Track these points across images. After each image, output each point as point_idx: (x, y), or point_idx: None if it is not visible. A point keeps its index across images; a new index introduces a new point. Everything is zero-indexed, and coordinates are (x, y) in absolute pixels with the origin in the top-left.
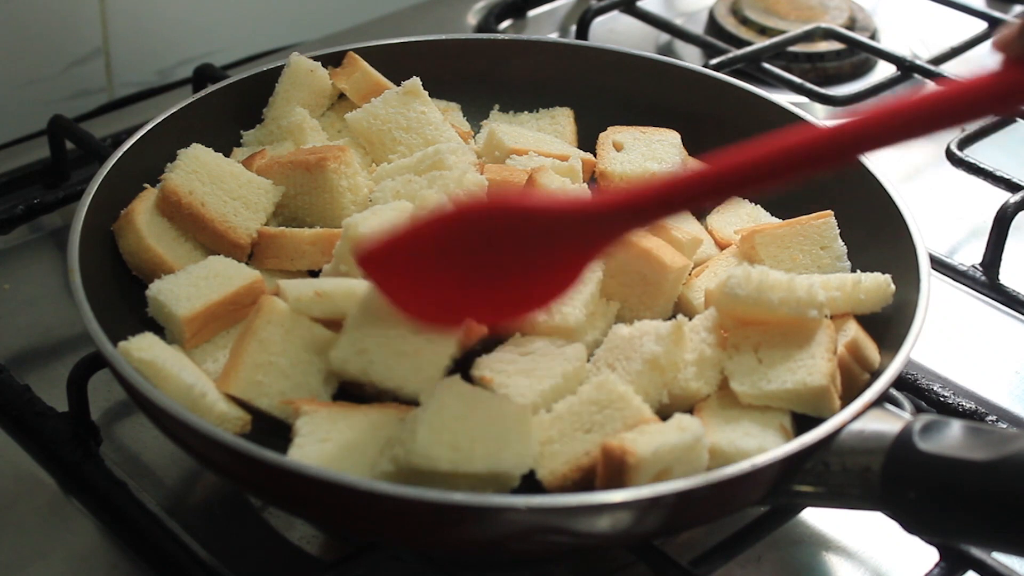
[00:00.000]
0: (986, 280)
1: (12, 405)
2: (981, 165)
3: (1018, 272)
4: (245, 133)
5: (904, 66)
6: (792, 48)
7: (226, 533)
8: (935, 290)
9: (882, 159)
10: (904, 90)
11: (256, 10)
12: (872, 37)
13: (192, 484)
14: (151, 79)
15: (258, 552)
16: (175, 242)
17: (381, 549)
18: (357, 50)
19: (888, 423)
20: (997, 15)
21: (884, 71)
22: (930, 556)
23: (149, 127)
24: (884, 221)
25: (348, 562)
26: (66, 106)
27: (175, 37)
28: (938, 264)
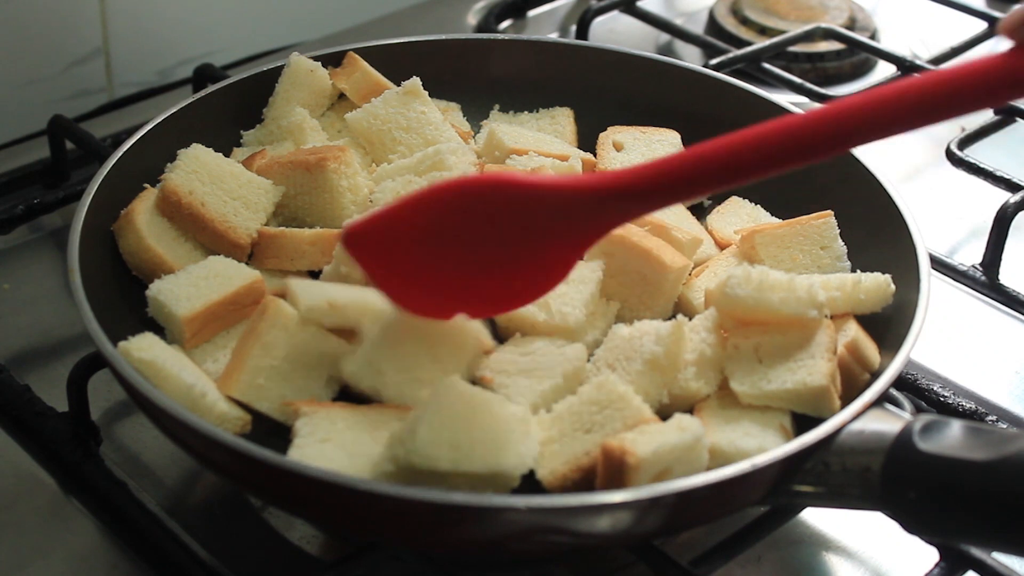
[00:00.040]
0: (986, 280)
1: (12, 405)
2: (981, 165)
3: (1018, 272)
4: (245, 133)
5: (904, 66)
6: (792, 48)
7: (226, 533)
8: (935, 290)
9: (882, 159)
10: None
11: (256, 10)
12: (872, 37)
13: (192, 484)
14: (151, 79)
15: (258, 552)
16: (175, 242)
17: (381, 549)
18: (357, 50)
19: (888, 423)
20: (997, 15)
21: (884, 71)
22: (930, 556)
23: (149, 127)
24: (884, 221)
25: (348, 562)
26: (66, 106)
27: (175, 37)
28: (938, 264)
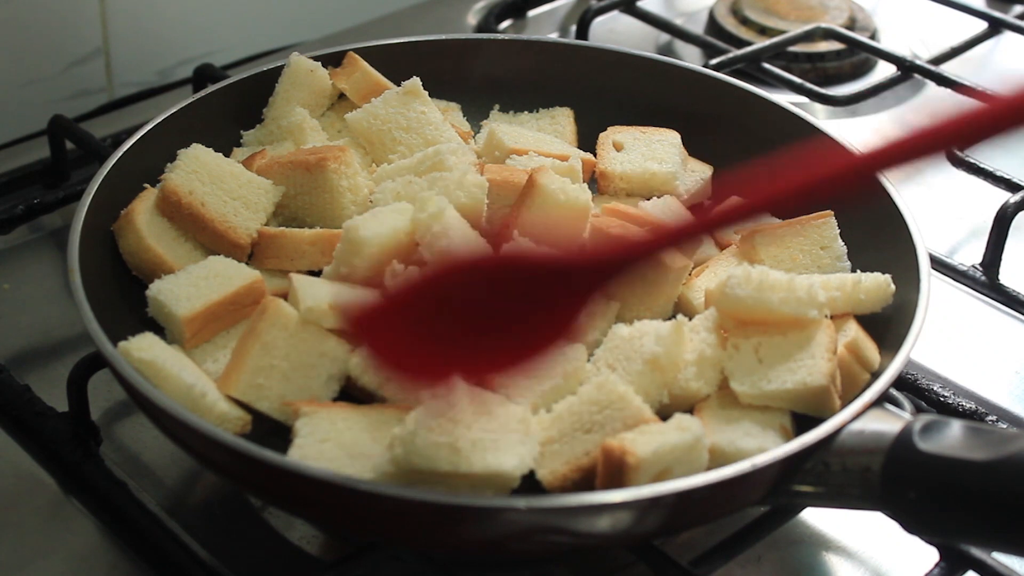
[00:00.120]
0: (986, 280)
1: (12, 405)
2: (981, 165)
3: (1018, 272)
4: (245, 133)
5: (904, 66)
6: (792, 48)
7: (226, 533)
8: (935, 290)
9: None
10: (904, 90)
11: (256, 10)
12: (872, 37)
13: (192, 484)
14: (151, 79)
15: (258, 552)
16: (175, 242)
17: (381, 549)
18: (357, 50)
19: (888, 423)
20: (997, 15)
21: (884, 71)
22: (930, 556)
23: (149, 127)
24: (884, 221)
25: (348, 562)
26: (66, 106)
27: (175, 37)
28: (938, 264)
